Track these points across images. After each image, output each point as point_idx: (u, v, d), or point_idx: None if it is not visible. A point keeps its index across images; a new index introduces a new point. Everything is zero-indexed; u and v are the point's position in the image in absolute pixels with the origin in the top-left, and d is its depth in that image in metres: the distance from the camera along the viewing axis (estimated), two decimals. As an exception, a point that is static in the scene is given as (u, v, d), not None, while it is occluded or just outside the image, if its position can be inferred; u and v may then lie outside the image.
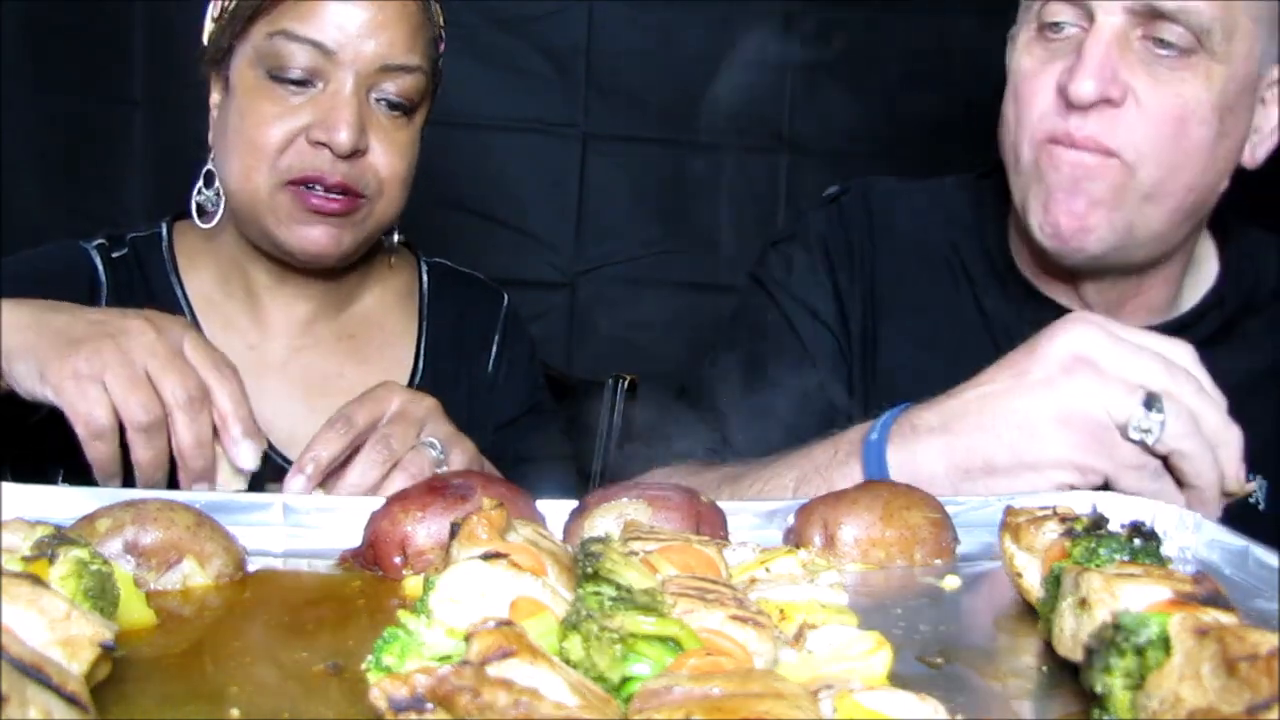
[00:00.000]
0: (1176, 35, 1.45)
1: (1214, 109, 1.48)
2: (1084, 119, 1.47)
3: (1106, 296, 1.71)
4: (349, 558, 1.15)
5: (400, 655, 0.81)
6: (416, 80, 1.70)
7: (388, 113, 1.69)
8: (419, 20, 1.71)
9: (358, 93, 1.63)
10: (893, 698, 0.75)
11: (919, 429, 1.37)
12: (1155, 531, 1.03)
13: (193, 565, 1.06)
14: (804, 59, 3.23)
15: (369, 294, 1.94)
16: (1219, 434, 1.27)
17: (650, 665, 0.80)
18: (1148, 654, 0.79)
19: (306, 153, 1.63)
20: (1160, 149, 1.48)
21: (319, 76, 1.63)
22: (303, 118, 1.63)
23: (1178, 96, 1.46)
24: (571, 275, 3.25)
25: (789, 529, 1.28)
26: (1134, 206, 1.53)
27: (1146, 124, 1.47)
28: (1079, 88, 1.44)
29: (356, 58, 1.62)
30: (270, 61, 1.63)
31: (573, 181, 3.22)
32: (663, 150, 3.26)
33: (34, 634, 0.74)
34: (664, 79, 3.22)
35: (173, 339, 1.35)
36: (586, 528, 1.17)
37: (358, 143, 1.62)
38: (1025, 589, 1.09)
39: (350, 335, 1.90)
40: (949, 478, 1.34)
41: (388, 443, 1.38)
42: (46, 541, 0.87)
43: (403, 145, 1.71)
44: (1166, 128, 1.47)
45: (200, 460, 1.32)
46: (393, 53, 1.65)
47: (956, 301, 1.75)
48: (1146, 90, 1.46)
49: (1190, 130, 1.47)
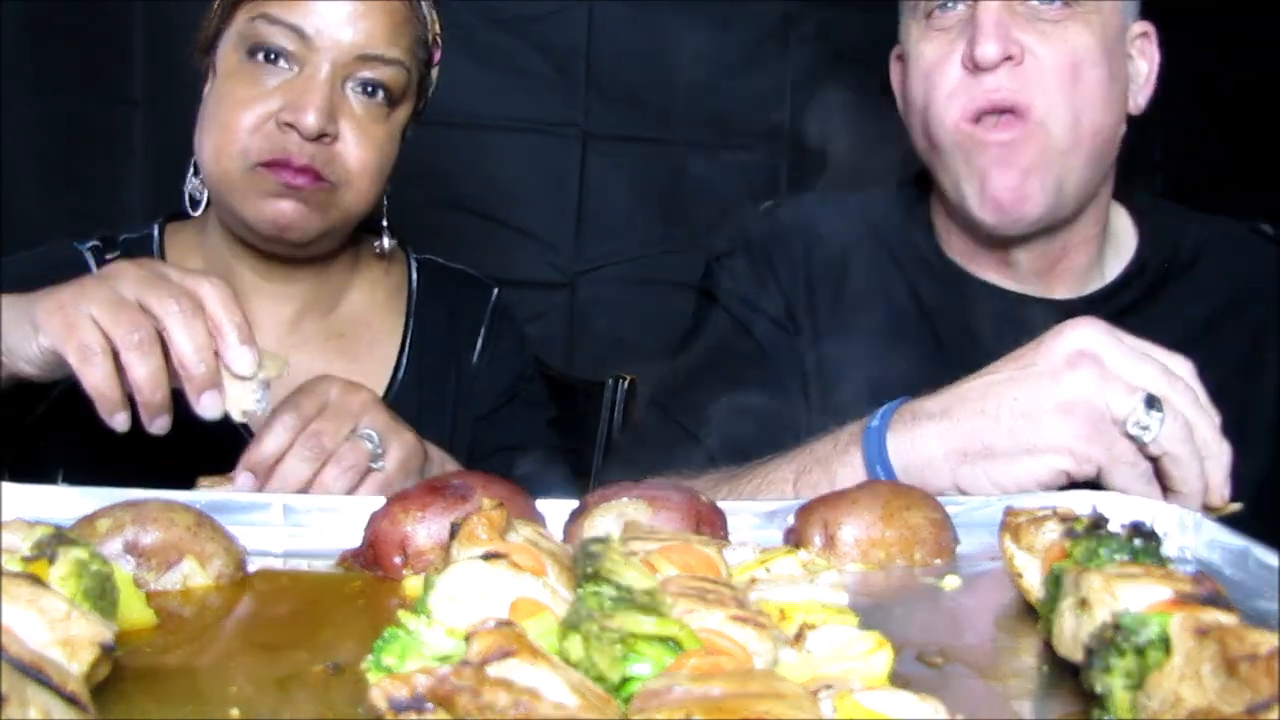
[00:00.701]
0: None
1: (1101, 52, 1.62)
2: (995, 80, 1.59)
3: (1037, 265, 1.79)
4: (349, 558, 1.15)
5: (400, 655, 0.81)
6: (396, 73, 1.70)
7: (364, 101, 1.69)
8: (403, 16, 1.72)
9: (331, 79, 1.65)
10: (893, 698, 0.75)
11: (919, 415, 1.40)
12: (1155, 531, 1.03)
13: (193, 566, 1.06)
14: (804, 59, 3.24)
15: (357, 293, 1.95)
16: (1209, 446, 1.31)
17: (650, 665, 0.80)
18: (1148, 654, 0.79)
19: (275, 135, 1.64)
20: (1063, 96, 1.60)
21: (295, 61, 1.66)
22: (275, 101, 1.64)
23: (1066, 44, 1.60)
24: (571, 275, 3.25)
25: (789, 529, 1.28)
26: (1057, 162, 1.64)
27: (1046, 74, 1.59)
28: (983, 50, 1.56)
29: (334, 45, 1.65)
30: (250, 42, 1.66)
31: (573, 181, 3.22)
32: (663, 150, 3.26)
33: (34, 634, 0.74)
34: (664, 79, 3.22)
35: (154, 267, 1.34)
36: (586, 528, 1.17)
37: (324, 126, 1.63)
38: (1025, 589, 1.09)
39: (339, 334, 1.91)
40: (947, 462, 1.36)
41: (319, 439, 1.38)
42: (46, 541, 0.87)
43: (376, 138, 1.71)
44: (1064, 74, 1.59)
45: (202, 366, 1.27)
46: (371, 43, 1.67)
47: (892, 292, 1.85)
48: (1039, 45, 1.59)
49: (1085, 74, 1.60)
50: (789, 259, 1.89)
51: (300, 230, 1.70)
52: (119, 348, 1.26)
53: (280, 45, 1.65)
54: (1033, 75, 1.59)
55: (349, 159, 1.69)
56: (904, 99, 1.83)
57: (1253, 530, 1.18)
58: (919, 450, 1.38)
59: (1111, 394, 1.29)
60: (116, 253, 1.83)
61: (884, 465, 1.40)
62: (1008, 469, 1.33)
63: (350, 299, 1.94)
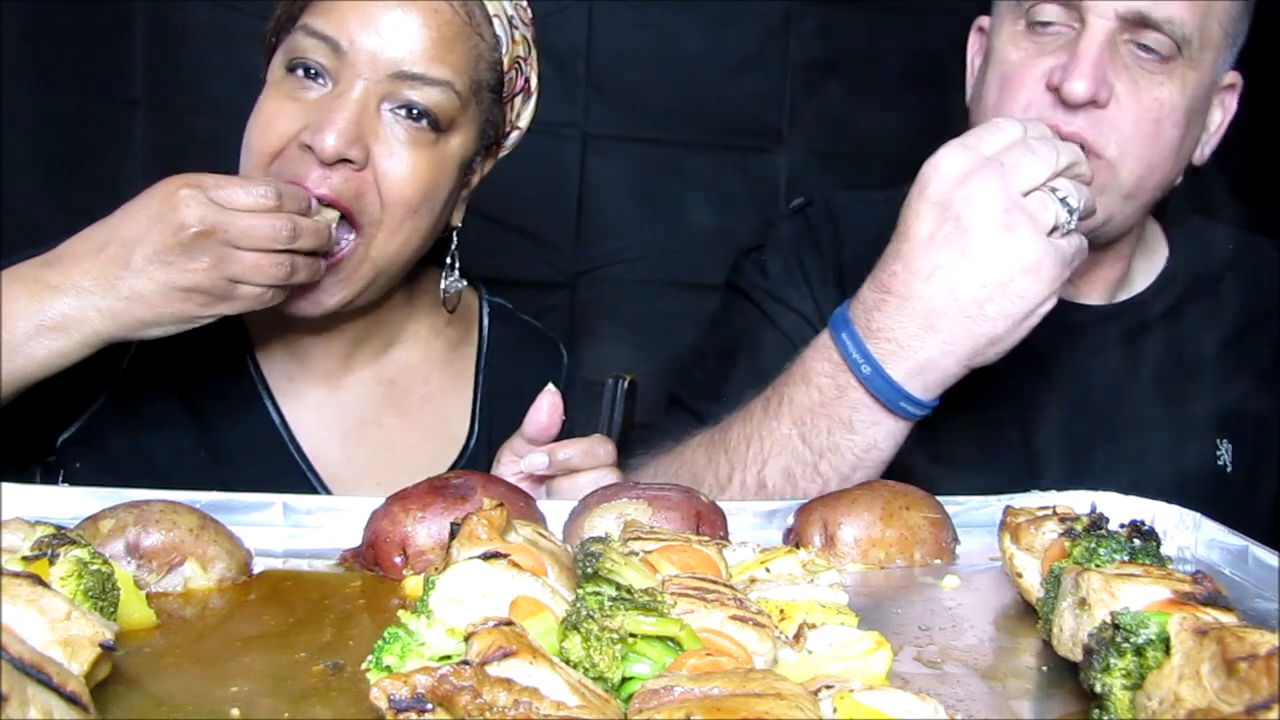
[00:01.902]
0: (1159, 43, 1.54)
1: (1185, 111, 1.59)
2: (1071, 115, 1.55)
3: None
4: (349, 557, 1.15)
5: (400, 655, 0.81)
6: (443, 95, 1.49)
7: (405, 125, 1.49)
8: (455, 32, 1.51)
9: (364, 99, 1.46)
10: (892, 697, 0.75)
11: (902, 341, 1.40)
12: (1155, 531, 1.04)
13: (194, 568, 1.06)
14: (804, 59, 3.23)
15: (412, 338, 1.75)
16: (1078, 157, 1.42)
17: (650, 665, 0.80)
18: (1147, 654, 0.79)
19: (294, 158, 1.46)
20: (1139, 148, 1.57)
21: (330, 76, 1.49)
22: (300, 121, 1.47)
23: (1156, 100, 1.56)
24: (571, 275, 3.25)
25: (789, 529, 1.28)
26: (1114, 202, 1.61)
27: (1127, 124, 1.56)
28: (1074, 87, 1.51)
29: (369, 61, 1.47)
30: (290, 55, 1.50)
31: (573, 181, 3.21)
32: (663, 150, 3.25)
33: (34, 634, 0.74)
34: (664, 79, 3.21)
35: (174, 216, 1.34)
36: (586, 528, 1.17)
37: (345, 150, 1.43)
38: (1025, 589, 1.09)
39: (390, 380, 1.72)
40: (959, 366, 1.41)
41: None
42: (47, 541, 0.87)
43: (418, 166, 1.50)
44: (1145, 128, 1.56)
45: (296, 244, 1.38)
46: (411, 59, 1.47)
47: None
48: (1128, 93, 1.55)
49: (1164, 131, 1.58)
50: (818, 259, 1.87)
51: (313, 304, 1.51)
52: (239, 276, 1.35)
53: (316, 60, 1.48)
54: (1114, 123, 1.55)
55: (384, 189, 1.48)
56: (975, 83, 1.76)
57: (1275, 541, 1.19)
58: (932, 372, 1.40)
59: (1039, 221, 1.36)
60: None
61: (866, 358, 1.41)
62: (1011, 335, 1.39)
63: (405, 341, 1.74)
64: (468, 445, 1.74)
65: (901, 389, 1.40)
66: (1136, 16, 1.52)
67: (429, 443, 1.72)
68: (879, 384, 1.40)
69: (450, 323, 1.78)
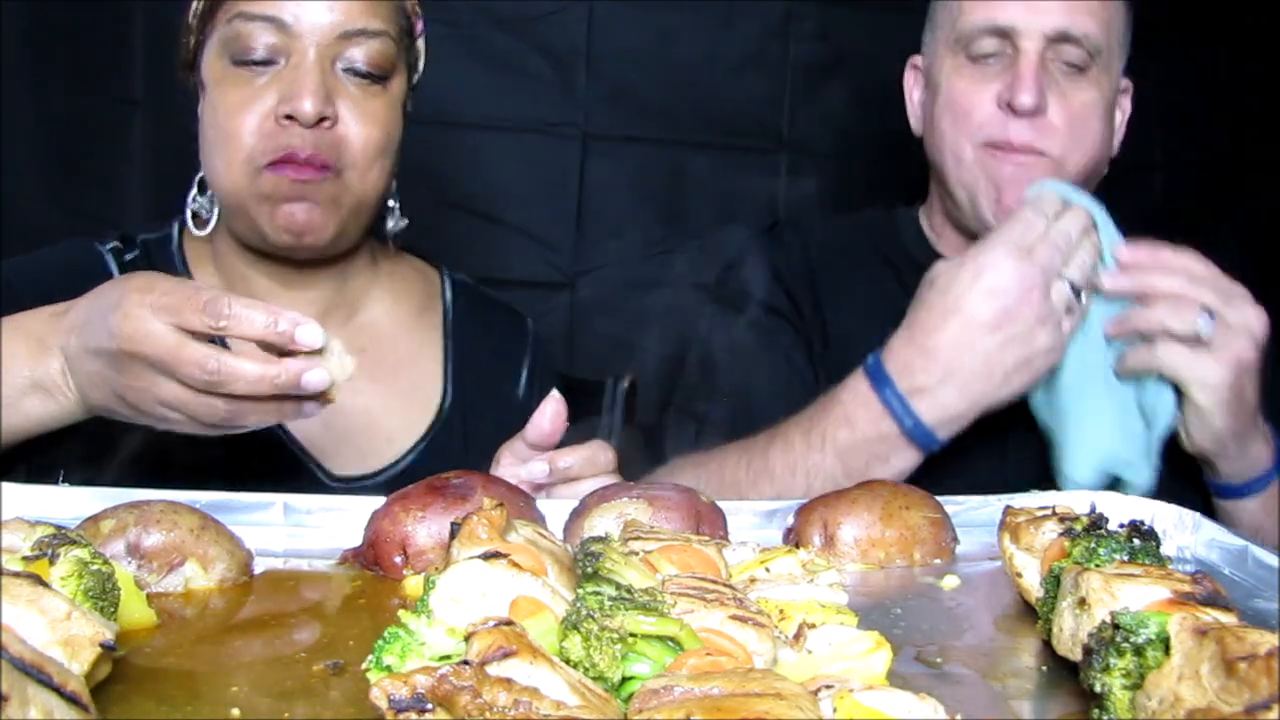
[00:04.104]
0: (1079, 56, 1.85)
1: (1105, 108, 1.91)
2: (1021, 125, 1.83)
3: None
4: (350, 557, 1.15)
5: (401, 655, 0.81)
6: (383, 45, 1.68)
7: (357, 81, 1.67)
8: None
9: (320, 62, 1.63)
10: (892, 698, 0.75)
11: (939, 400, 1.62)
12: (1154, 531, 1.04)
13: (195, 569, 1.06)
14: (804, 59, 3.23)
15: (379, 304, 1.89)
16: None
17: (650, 665, 0.80)
18: (1147, 653, 0.79)
19: (276, 132, 1.61)
20: (1076, 144, 1.86)
21: (280, 53, 1.63)
22: (270, 98, 1.62)
23: (1082, 103, 1.87)
24: (571, 275, 3.24)
25: (789, 529, 1.28)
26: None
27: (1064, 125, 1.85)
28: (1023, 100, 1.80)
29: (314, 28, 1.62)
30: (232, 46, 1.63)
31: (573, 181, 3.20)
32: (663, 150, 3.25)
33: (35, 634, 0.74)
34: (664, 79, 3.21)
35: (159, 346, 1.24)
36: (586, 528, 1.17)
37: (322, 109, 1.60)
38: (1025, 589, 1.09)
39: (360, 348, 1.79)
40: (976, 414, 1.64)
41: None
42: (47, 541, 0.87)
43: (375, 113, 1.68)
44: (1078, 127, 1.86)
45: (280, 379, 1.23)
46: (350, 18, 1.64)
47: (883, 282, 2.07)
48: (1061, 99, 1.85)
49: (1093, 126, 1.88)
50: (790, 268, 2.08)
51: (316, 233, 1.67)
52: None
53: (262, 41, 1.62)
54: (1054, 126, 1.84)
55: (352, 139, 1.66)
56: (923, 115, 2.02)
57: None
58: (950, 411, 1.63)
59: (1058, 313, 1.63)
60: (136, 252, 1.79)
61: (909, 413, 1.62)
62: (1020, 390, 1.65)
63: (371, 308, 1.88)
64: (442, 406, 1.83)
65: (935, 435, 1.63)
66: (1059, 34, 1.83)
67: (405, 408, 1.81)
68: (919, 433, 1.62)
69: (408, 282, 1.92)
